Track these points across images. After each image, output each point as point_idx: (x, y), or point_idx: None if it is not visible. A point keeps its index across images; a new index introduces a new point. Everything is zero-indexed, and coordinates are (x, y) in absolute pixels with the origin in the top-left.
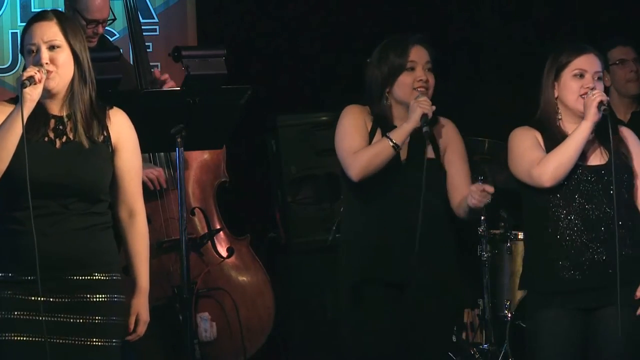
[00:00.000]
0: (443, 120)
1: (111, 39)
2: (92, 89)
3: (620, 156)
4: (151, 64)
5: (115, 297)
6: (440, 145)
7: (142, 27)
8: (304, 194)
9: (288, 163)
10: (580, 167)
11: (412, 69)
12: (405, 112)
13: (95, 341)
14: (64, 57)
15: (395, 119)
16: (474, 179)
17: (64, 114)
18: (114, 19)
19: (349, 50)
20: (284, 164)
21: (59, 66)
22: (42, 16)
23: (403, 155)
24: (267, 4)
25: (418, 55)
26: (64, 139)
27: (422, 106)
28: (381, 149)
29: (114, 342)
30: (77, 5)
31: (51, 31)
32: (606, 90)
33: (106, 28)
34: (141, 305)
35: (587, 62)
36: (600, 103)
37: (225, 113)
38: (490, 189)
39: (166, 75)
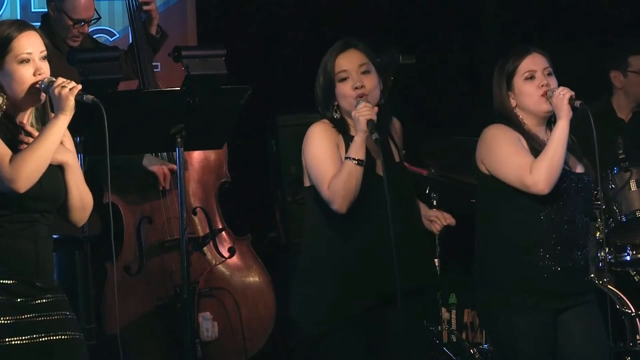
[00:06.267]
0: (395, 120)
1: (111, 39)
2: None
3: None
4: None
5: (59, 296)
6: (399, 145)
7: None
8: (303, 194)
9: (288, 163)
10: (568, 172)
11: (344, 78)
12: None
13: (71, 334)
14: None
15: (351, 129)
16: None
17: (28, 122)
18: (99, 18)
19: None
20: (284, 164)
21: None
22: (27, 25)
23: (379, 168)
24: (267, 4)
25: (348, 61)
26: None
27: (363, 114)
28: (349, 172)
29: (80, 334)
30: (64, 6)
31: (41, 42)
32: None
33: (106, 28)
34: None
35: (534, 62)
36: (571, 98)
37: (225, 113)
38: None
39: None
